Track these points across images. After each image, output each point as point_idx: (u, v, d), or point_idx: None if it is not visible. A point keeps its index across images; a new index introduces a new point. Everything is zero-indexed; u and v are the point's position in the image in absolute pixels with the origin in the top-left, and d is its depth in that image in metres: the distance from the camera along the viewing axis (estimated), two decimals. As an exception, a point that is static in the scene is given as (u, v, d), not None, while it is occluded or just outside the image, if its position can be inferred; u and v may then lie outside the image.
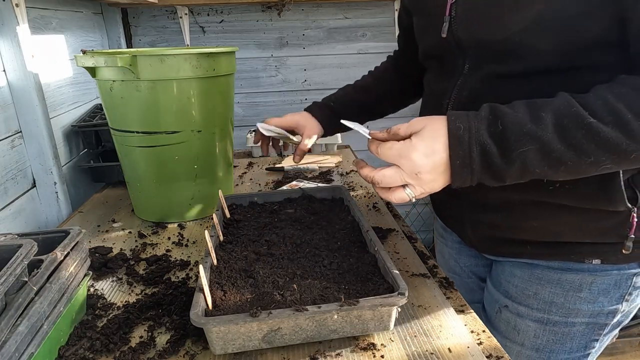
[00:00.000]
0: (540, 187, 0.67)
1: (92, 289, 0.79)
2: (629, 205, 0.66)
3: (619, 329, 0.80)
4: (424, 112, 0.87)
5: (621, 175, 0.63)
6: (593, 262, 0.72)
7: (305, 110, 1.01)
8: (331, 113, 1.00)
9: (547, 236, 0.73)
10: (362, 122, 0.93)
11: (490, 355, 0.62)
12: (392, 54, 1.08)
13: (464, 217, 0.82)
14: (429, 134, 0.58)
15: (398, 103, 1.07)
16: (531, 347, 0.81)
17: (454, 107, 0.73)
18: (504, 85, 0.67)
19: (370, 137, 0.67)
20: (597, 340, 0.79)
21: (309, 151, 1.13)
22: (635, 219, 0.67)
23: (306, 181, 1.28)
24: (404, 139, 0.61)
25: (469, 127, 0.57)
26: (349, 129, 0.73)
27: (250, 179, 1.34)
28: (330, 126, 1.00)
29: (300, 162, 1.44)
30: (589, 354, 0.80)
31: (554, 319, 0.78)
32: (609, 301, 0.75)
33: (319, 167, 1.42)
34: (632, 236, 0.68)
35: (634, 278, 0.74)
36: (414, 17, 0.86)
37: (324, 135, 1.01)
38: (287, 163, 1.46)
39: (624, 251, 0.69)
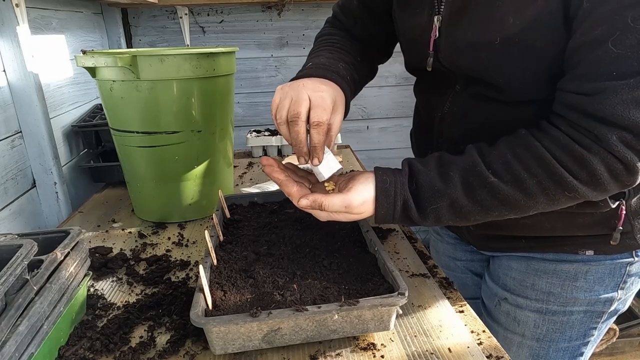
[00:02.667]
0: None
1: (92, 289, 0.79)
2: (613, 206, 0.68)
3: (615, 316, 0.82)
4: (417, 124, 0.89)
5: None
6: (587, 253, 0.75)
7: (327, 78, 0.72)
8: (350, 90, 0.78)
9: (541, 231, 0.75)
10: (356, 92, 0.82)
11: (490, 355, 0.62)
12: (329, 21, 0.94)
13: None
14: (362, 186, 0.64)
15: (375, 61, 0.93)
16: (532, 337, 0.83)
17: (446, 121, 0.76)
18: (492, 106, 0.69)
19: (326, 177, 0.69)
20: (595, 328, 0.81)
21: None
22: (624, 212, 0.70)
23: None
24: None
25: (394, 182, 0.64)
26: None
27: (250, 179, 1.34)
28: (351, 94, 0.79)
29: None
30: (588, 342, 0.82)
31: (553, 309, 0.79)
32: (605, 289, 0.77)
33: (319, 167, 1.42)
34: (620, 228, 0.71)
35: (628, 267, 0.76)
36: (399, 27, 0.80)
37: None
38: (287, 163, 1.46)
39: (611, 242, 0.72)
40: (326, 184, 0.69)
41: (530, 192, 0.59)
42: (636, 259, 0.75)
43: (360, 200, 0.63)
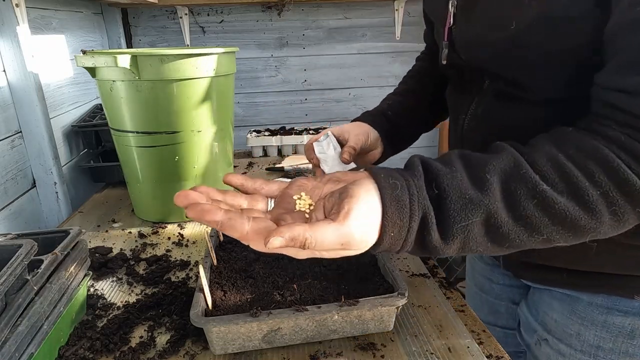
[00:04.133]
0: None
1: (92, 289, 0.79)
2: None
3: None
4: (449, 130, 0.79)
5: None
6: None
7: (357, 119, 0.83)
8: (389, 122, 0.82)
9: (586, 266, 0.62)
10: (417, 134, 0.88)
11: (490, 355, 0.62)
12: (419, 54, 0.97)
13: None
14: (363, 202, 0.41)
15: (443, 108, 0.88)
16: None
17: (469, 124, 0.66)
18: (516, 106, 0.59)
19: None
20: None
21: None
22: None
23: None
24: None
25: (407, 186, 0.42)
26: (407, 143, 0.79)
27: (250, 179, 1.34)
28: (388, 136, 0.81)
29: (300, 163, 1.44)
30: None
31: None
32: None
33: (319, 167, 1.42)
34: None
35: None
36: (430, 17, 0.78)
37: (386, 153, 0.83)
38: (287, 163, 1.46)
39: None
40: (297, 199, 0.47)
41: (593, 206, 0.42)
42: None
43: (364, 227, 0.41)
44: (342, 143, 0.77)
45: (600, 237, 0.45)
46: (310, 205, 0.46)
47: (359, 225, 0.40)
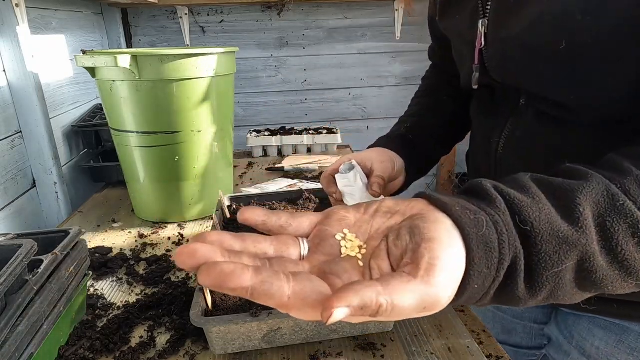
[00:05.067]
0: None
1: (92, 289, 0.79)
2: None
3: None
4: (473, 149, 0.73)
5: None
6: None
7: (374, 145, 0.78)
8: (408, 142, 0.76)
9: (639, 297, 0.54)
10: (438, 158, 0.82)
11: (490, 355, 0.62)
12: (426, 71, 0.91)
13: None
14: (447, 247, 0.31)
15: (467, 123, 0.81)
16: None
17: (505, 148, 0.59)
18: (565, 130, 0.53)
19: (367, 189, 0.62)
20: None
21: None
22: None
23: (306, 181, 1.28)
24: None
25: (493, 222, 0.32)
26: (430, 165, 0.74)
27: (250, 179, 1.34)
28: (414, 164, 0.75)
29: (300, 163, 1.44)
30: None
31: None
32: None
33: (319, 167, 1.42)
34: None
35: None
36: (448, 36, 0.71)
37: (408, 181, 0.76)
38: (287, 163, 1.46)
39: None
40: (342, 240, 0.35)
41: None
42: None
43: (453, 283, 0.31)
44: (366, 173, 0.69)
45: None
46: (360, 247, 0.34)
47: (448, 281, 0.30)
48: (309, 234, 0.36)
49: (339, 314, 0.27)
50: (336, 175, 0.68)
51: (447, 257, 0.30)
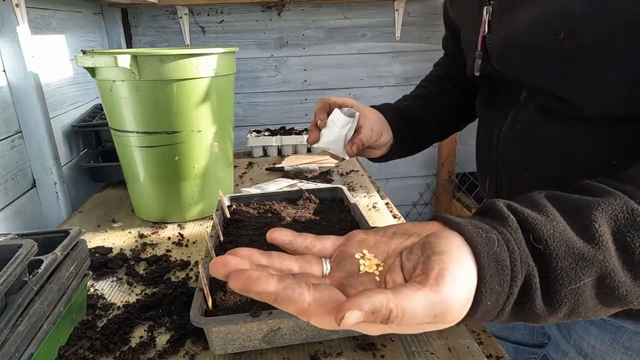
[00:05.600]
0: None
1: (92, 289, 0.79)
2: None
3: None
4: (477, 146, 0.73)
5: None
6: None
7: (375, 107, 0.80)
8: (404, 124, 0.78)
9: None
10: (430, 142, 0.84)
11: (490, 355, 0.62)
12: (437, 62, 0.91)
13: None
14: (457, 263, 0.32)
15: (469, 115, 0.84)
16: None
17: (506, 141, 0.60)
18: (567, 124, 0.52)
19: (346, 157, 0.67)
20: None
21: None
22: None
23: (306, 181, 1.28)
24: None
25: (505, 241, 0.33)
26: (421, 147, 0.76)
27: (250, 179, 1.34)
28: (403, 141, 0.78)
29: (300, 163, 1.44)
30: None
31: None
32: None
33: (319, 167, 1.42)
34: None
35: None
36: (457, 24, 0.72)
37: (390, 156, 0.80)
38: (287, 163, 1.47)
39: None
40: (360, 259, 0.37)
41: None
42: None
43: (462, 294, 0.31)
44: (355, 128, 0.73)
45: None
46: (377, 265, 0.36)
47: (457, 291, 0.31)
48: (331, 255, 0.39)
49: (352, 316, 0.28)
50: (335, 109, 0.72)
51: (456, 269, 0.31)
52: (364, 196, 1.18)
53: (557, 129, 0.53)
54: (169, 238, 0.98)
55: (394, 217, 1.04)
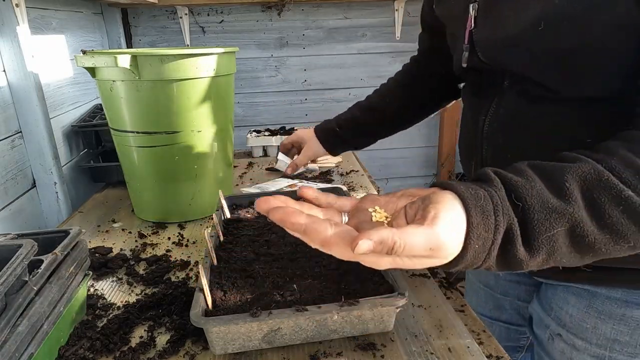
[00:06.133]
0: None
1: (92, 289, 0.79)
2: None
3: None
4: (462, 131, 0.79)
5: None
6: None
7: (315, 127, 1.11)
8: (336, 136, 1.07)
9: (609, 262, 0.62)
10: (368, 144, 1.08)
11: (490, 355, 0.62)
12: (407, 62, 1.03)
13: None
14: (450, 209, 0.40)
15: (408, 121, 1.05)
16: None
17: (491, 126, 0.65)
18: (546, 107, 0.58)
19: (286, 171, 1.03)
20: None
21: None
22: None
23: (306, 181, 1.28)
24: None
25: (489, 196, 0.41)
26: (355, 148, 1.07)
27: (250, 179, 1.34)
28: (335, 148, 1.10)
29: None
30: None
31: (618, 358, 0.67)
32: None
33: (319, 167, 1.42)
34: None
35: None
36: (444, 23, 0.77)
37: (332, 154, 1.12)
38: (287, 163, 1.46)
39: None
40: (372, 211, 0.45)
41: None
42: None
43: (453, 234, 0.39)
44: (296, 147, 1.16)
45: None
46: (386, 217, 0.44)
47: (448, 231, 0.39)
48: (349, 210, 0.47)
49: (364, 245, 0.37)
50: (279, 153, 1.27)
51: (449, 214, 0.39)
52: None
53: (537, 112, 0.59)
54: (169, 238, 0.98)
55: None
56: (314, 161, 1.19)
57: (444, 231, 0.38)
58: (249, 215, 0.91)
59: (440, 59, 0.87)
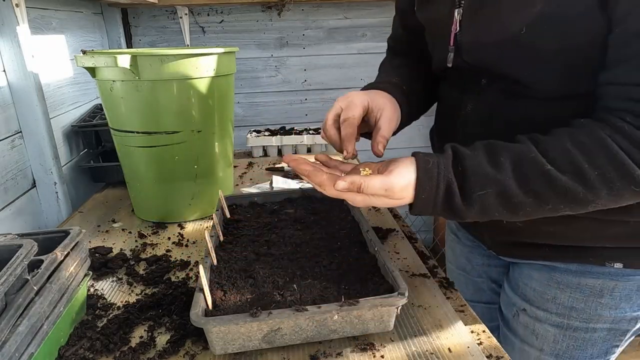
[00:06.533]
0: None
1: (92, 289, 0.79)
2: None
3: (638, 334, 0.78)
4: (439, 122, 0.83)
5: None
6: (614, 266, 0.70)
7: (377, 86, 0.77)
8: (405, 99, 0.77)
9: (567, 240, 0.71)
10: (421, 113, 0.85)
11: (490, 355, 0.62)
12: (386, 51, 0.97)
13: (480, 222, 0.74)
14: (404, 168, 0.57)
15: (432, 99, 0.88)
16: (550, 352, 0.78)
17: (470, 120, 0.71)
18: (521, 103, 0.64)
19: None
20: (618, 345, 0.77)
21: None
22: None
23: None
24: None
25: (437, 163, 0.57)
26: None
27: (250, 179, 1.34)
28: (405, 118, 0.78)
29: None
30: (608, 359, 0.78)
31: (574, 325, 0.75)
32: (631, 307, 0.72)
33: (319, 167, 1.42)
34: None
35: None
36: (424, 24, 0.80)
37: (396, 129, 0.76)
38: (287, 163, 1.46)
39: None
40: (362, 170, 0.62)
41: (592, 184, 0.53)
42: None
43: (403, 182, 0.56)
44: (371, 122, 0.71)
45: (601, 207, 0.56)
46: (369, 172, 0.61)
47: (399, 180, 0.56)
48: (348, 171, 0.64)
49: (341, 184, 0.56)
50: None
51: (402, 170, 0.57)
52: (364, 196, 1.18)
53: (513, 107, 0.65)
54: (169, 238, 0.98)
55: (395, 216, 1.04)
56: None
57: (395, 179, 0.56)
58: (249, 215, 0.91)
59: (418, 51, 0.85)
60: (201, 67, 0.94)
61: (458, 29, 0.67)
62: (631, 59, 0.54)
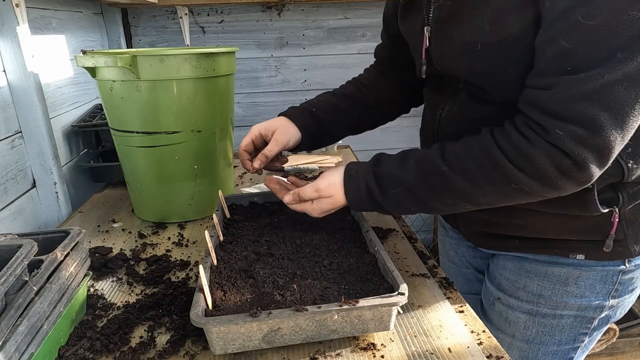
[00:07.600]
0: None
1: (92, 289, 0.79)
2: (603, 210, 0.69)
3: (608, 324, 0.83)
4: (423, 122, 0.92)
5: (595, 186, 0.67)
6: (577, 257, 0.75)
7: (280, 114, 0.93)
8: (312, 120, 0.91)
9: (533, 233, 0.76)
10: (342, 137, 0.99)
11: (490, 355, 0.62)
12: (371, 65, 1.07)
13: (456, 214, 0.85)
14: (329, 172, 0.75)
15: (386, 115, 1.01)
16: (521, 338, 0.84)
17: (446, 119, 0.79)
18: (484, 106, 0.71)
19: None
20: (585, 334, 0.82)
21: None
22: (617, 219, 0.70)
23: (306, 181, 1.28)
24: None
25: (357, 169, 0.72)
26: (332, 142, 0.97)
27: (250, 179, 1.34)
28: (310, 135, 0.90)
29: (300, 163, 1.44)
30: (577, 347, 0.83)
31: (543, 311, 0.80)
32: (596, 296, 0.77)
33: (319, 167, 1.42)
34: (613, 235, 0.71)
35: (620, 275, 0.76)
36: (404, 36, 0.87)
37: (303, 148, 0.92)
38: (287, 163, 1.46)
39: (604, 249, 0.72)
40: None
41: (476, 182, 0.63)
42: (629, 266, 0.75)
43: (326, 182, 0.73)
44: (265, 141, 0.88)
45: (490, 205, 0.66)
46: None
47: (322, 181, 0.74)
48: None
49: (287, 197, 0.78)
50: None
51: (326, 174, 0.74)
52: (364, 196, 1.18)
53: (478, 109, 0.73)
54: (169, 238, 0.98)
55: (395, 216, 1.04)
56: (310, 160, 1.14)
57: (320, 181, 0.74)
58: (249, 215, 0.91)
59: (401, 65, 0.96)
60: (201, 67, 0.94)
61: (428, 44, 0.75)
62: (537, 63, 0.60)
